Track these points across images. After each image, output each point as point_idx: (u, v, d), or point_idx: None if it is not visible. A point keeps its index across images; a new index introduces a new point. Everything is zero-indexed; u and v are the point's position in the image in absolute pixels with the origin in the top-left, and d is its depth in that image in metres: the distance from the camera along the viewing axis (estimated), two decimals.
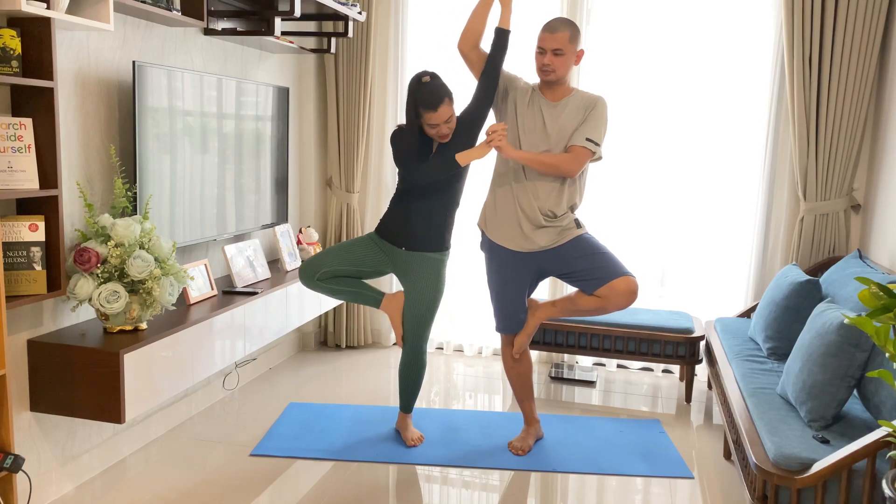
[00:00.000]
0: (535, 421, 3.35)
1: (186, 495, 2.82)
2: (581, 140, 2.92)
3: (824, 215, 4.01)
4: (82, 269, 2.58)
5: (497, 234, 3.07)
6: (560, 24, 2.90)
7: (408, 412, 3.33)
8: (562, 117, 2.96)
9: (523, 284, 3.11)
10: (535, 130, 2.98)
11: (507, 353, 3.27)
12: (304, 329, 4.70)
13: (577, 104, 2.98)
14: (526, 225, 3.01)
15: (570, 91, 3.01)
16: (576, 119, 2.96)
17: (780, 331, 3.31)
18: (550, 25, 2.91)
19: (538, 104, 2.99)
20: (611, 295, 2.95)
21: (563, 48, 2.88)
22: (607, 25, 4.32)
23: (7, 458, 2.22)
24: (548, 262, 3.06)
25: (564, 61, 2.91)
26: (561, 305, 3.13)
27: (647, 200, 4.42)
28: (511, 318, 3.16)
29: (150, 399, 2.69)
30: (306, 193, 4.63)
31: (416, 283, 3.13)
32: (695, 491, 2.97)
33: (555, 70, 2.91)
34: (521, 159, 2.89)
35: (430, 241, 3.10)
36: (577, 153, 2.92)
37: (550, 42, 2.89)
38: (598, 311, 3.03)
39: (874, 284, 1.82)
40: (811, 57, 3.88)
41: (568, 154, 2.93)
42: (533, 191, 2.98)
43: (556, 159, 2.91)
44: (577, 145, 2.93)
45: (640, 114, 4.35)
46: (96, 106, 2.83)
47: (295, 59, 4.44)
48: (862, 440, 2.19)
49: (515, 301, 3.13)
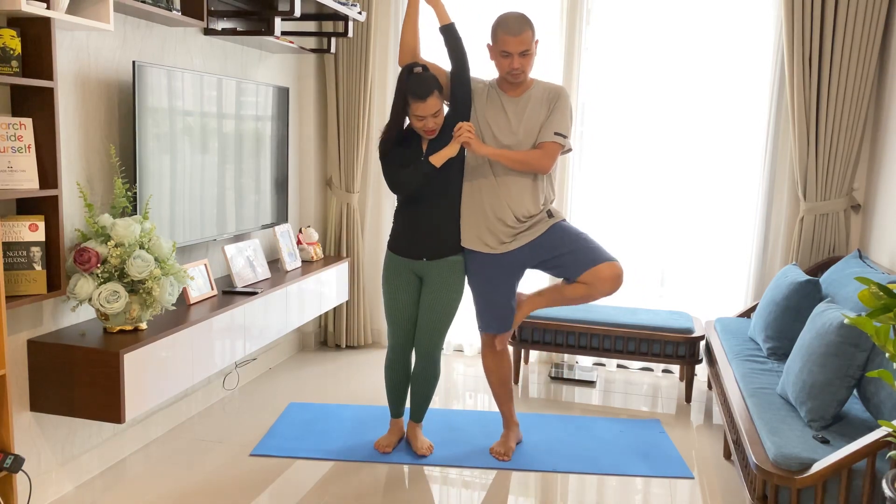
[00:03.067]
0: (515, 424, 3.30)
1: (186, 495, 2.82)
2: (550, 135, 2.89)
3: (824, 215, 4.01)
4: (82, 269, 2.58)
5: (470, 240, 3.01)
6: (520, 23, 2.81)
7: (418, 421, 3.27)
8: (526, 112, 2.92)
9: (508, 281, 3.06)
10: (500, 128, 2.93)
11: (487, 355, 3.22)
12: (304, 329, 4.70)
13: (540, 96, 2.93)
14: (499, 228, 2.95)
15: (531, 83, 2.96)
16: (540, 112, 2.91)
17: (780, 331, 3.31)
18: (510, 28, 2.81)
19: (499, 101, 2.94)
20: (595, 281, 2.90)
21: (529, 48, 2.84)
22: (607, 25, 4.32)
23: (7, 458, 2.22)
24: (526, 256, 3.01)
25: (531, 60, 2.88)
26: (548, 295, 3.08)
27: (647, 200, 4.42)
28: (500, 317, 3.10)
29: (150, 399, 2.69)
30: (306, 193, 4.63)
31: (439, 289, 3.04)
32: (695, 491, 2.97)
33: (524, 71, 2.87)
34: (492, 155, 2.86)
35: (447, 246, 3.02)
36: (548, 148, 2.89)
37: (517, 45, 2.81)
38: (586, 298, 2.97)
39: (874, 284, 1.82)
40: (811, 57, 3.88)
41: (539, 150, 2.89)
42: (505, 191, 2.93)
43: (528, 155, 2.88)
44: (546, 141, 2.89)
45: (640, 114, 4.35)
46: (96, 106, 2.83)
47: (295, 59, 4.44)
48: (862, 440, 2.19)
49: (502, 299, 3.07)
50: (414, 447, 3.22)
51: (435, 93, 2.84)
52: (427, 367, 3.15)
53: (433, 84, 2.85)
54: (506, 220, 2.95)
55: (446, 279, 3.04)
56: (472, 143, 2.84)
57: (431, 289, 3.06)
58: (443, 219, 3.00)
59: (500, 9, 3.16)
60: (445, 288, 3.05)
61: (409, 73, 2.89)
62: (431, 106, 2.84)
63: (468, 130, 2.83)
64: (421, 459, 3.15)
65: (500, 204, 2.94)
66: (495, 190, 2.95)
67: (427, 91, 2.83)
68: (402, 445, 3.27)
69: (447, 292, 3.05)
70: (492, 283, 3.05)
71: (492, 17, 2.93)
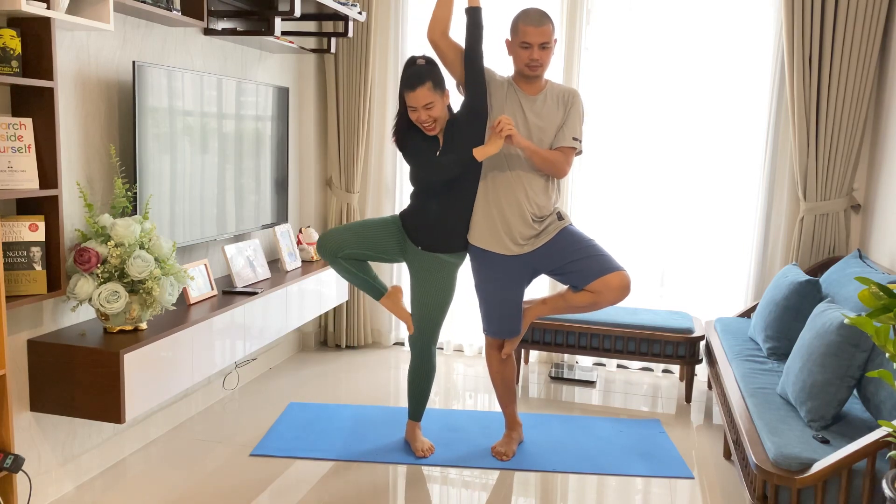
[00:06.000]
0: (518, 425, 3.31)
1: (186, 495, 2.82)
2: (568, 140, 2.91)
3: (824, 215, 4.01)
4: (82, 269, 2.58)
5: (483, 239, 3.00)
6: (541, 16, 2.84)
7: (417, 420, 3.26)
8: (543, 111, 2.93)
9: (518, 285, 3.05)
10: (515, 124, 2.92)
11: (491, 356, 3.21)
12: (304, 329, 4.70)
13: (555, 98, 2.94)
14: (515, 226, 2.94)
15: (546, 84, 2.97)
16: (556, 114, 2.93)
17: (780, 331, 3.31)
18: (532, 18, 2.83)
19: (516, 98, 2.94)
20: (604, 290, 2.90)
21: (549, 41, 2.85)
22: (607, 25, 4.32)
23: (7, 458, 2.22)
24: (537, 260, 3.00)
25: (550, 54, 2.88)
26: (552, 303, 3.08)
27: (647, 200, 4.42)
28: (507, 322, 3.09)
29: (150, 399, 2.69)
30: (306, 193, 4.63)
31: (426, 283, 3.05)
32: (695, 491, 2.97)
33: (542, 64, 2.87)
34: (528, 149, 2.85)
35: (447, 243, 3.01)
36: (567, 154, 2.92)
37: (537, 36, 2.82)
38: (591, 306, 2.97)
39: (874, 284, 1.82)
40: (811, 57, 3.88)
41: (560, 153, 2.91)
42: (520, 186, 2.92)
43: (555, 157, 2.89)
44: (565, 146, 2.91)
45: (640, 114, 4.35)
46: (96, 106, 2.83)
47: (295, 59, 4.44)
48: (862, 440, 2.19)
49: (510, 303, 3.06)
50: (413, 448, 3.21)
51: (427, 84, 2.79)
52: (422, 363, 3.16)
53: (427, 76, 2.80)
54: (523, 215, 2.93)
55: (436, 277, 3.04)
56: (514, 133, 2.80)
57: (424, 285, 3.06)
58: (451, 216, 2.99)
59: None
60: (437, 287, 3.05)
61: (409, 64, 2.86)
62: (421, 97, 2.80)
63: (508, 123, 2.78)
64: (420, 460, 3.15)
65: (515, 198, 2.93)
66: (511, 185, 2.93)
67: (417, 81, 2.79)
68: (403, 446, 3.27)
69: (439, 293, 3.05)
70: (503, 285, 3.03)
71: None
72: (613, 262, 2.93)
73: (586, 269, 2.92)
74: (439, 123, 2.90)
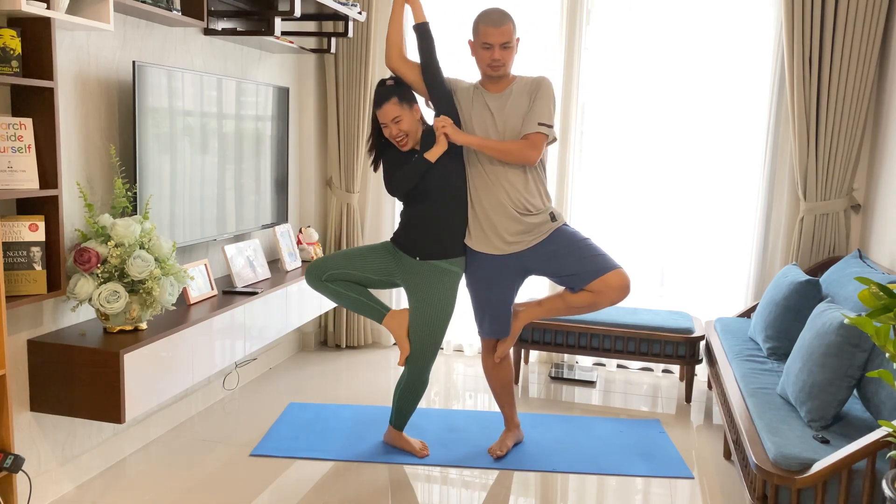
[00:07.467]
0: (516, 425, 3.30)
1: (186, 495, 2.82)
2: (534, 126, 2.85)
3: (824, 215, 4.01)
4: (82, 269, 2.58)
5: (472, 241, 2.99)
6: (501, 15, 2.83)
7: (400, 430, 3.23)
8: (507, 106, 2.90)
9: (508, 285, 3.03)
10: (486, 126, 2.92)
11: (487, 358, 3.21)
12: (304, 329, 4.70)
13: (521, 89, 2.92)
14: (500, 223, 2.92)
15: (513, 79, 2.96)
16: (522, 105, 2.90)
17: (780, 331, 3.31)
18: (492, 19, 2.83)
19: (482, 100, 2.94)
20: (604, 290, 2.87)
21: (510, 41, 2.84)
22: (607, 25, 4.32)
23: (7, 458, 2.22)
24: (531, 261, 2.98)
25: (512, 54, 2.88)
26: (549, 305, 3.05)
27: (647, 200, 4.42)
28: (496, 322, 3.08)
29: (150, 399, 2.69)
30: (306, 193, 4.63)
31: (426, 295, 3.00)
32: (695, 491, 2.97)
33: (504, 64, 2.87)
34: (473, 143, 2.85)
35: (442, 249, 2.99)
36: (533, 139, 2.85)
37: (498, 36, 2.82)
38: (591, 307, 2.94)
39: (874, 284, 1.82)
40: (811, 57, 3.88)
41: (523, 140, 2.86)
42: (496, 181, 2.91)
43: (512, 145, 2.85)
44: (531, 132, 2.86)
45: (640, 114, 4.35)
46: (96, 106, 2.83)
47: (295, 59, 4.44)
48: (862, 440, 2.19)
49: (501, 304, 3.05)
50: (410, 451, 3.19)
51: (393, 99, 2.90)
52: (416, 381, 3.11)
53: (392, 92, 2.91)
54: (506, 212, 2.90)
55: (436, 287, 3.00)
56: (448, 131, 2.85)
57: (423, 298, 3.01)
58: (444, 221, 2.99)
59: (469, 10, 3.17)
60: (437, 298, 3.01)
61: (377, 86, 2.98)
62: (388, 112, 2.90)
63: (442, 122, 2.87)
64: (421, 460, 3.15)
65: (495, 196, 2.91)
66: (488, 183, 2.93)
67: (384, 98, 2.91)
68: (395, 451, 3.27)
69: (439, 303, 3.01)
70: (490, 284, 3.02)
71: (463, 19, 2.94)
72: (611, 260, 2.91)
73: (584, 269, 2.89)
74: (412, 137, 2.94)
